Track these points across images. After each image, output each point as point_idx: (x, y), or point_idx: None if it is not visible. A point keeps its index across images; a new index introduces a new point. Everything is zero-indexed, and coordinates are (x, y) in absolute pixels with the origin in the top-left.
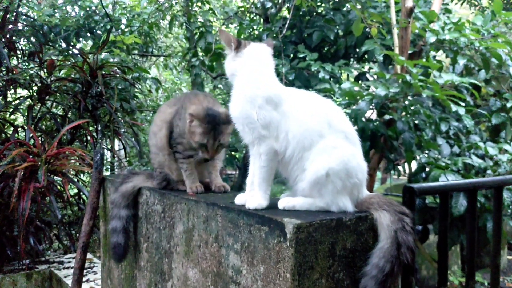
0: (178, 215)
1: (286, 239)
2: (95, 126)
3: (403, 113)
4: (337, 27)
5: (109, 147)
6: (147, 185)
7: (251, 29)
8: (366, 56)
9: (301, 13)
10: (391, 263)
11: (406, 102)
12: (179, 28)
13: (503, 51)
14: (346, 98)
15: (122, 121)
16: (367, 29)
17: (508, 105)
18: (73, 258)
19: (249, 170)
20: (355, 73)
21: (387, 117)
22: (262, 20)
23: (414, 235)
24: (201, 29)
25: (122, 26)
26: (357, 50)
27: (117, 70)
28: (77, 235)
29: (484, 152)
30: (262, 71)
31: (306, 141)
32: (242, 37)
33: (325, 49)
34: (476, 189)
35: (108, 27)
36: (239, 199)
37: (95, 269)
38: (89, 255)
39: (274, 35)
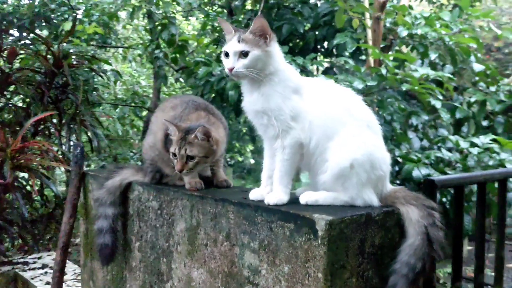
0: (178, 212)
1: (317, 236)
2: (59, 119)
3: (376, 108)
4: (306, 20)
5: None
6: (136, 179)
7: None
8: (334, 50)
9: (269, 5)
10: (423, 261)
11: (378, 96)
12: (139, 19)
13: (470, 46)
14: None
15: (89, 113)
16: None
17: (472, 100)
18: (38, 258)
19: (263, 164)
20: (325, 66)
21: None
22: (226, 12)
23: (444, 230)
24: (163, 20)
25: (80, 16)
26: (326, 43)
27: (83, 61)
28: (40, 234)
29: (456, 146)
30: (284, 61)
31: (329, 130)
32: (207, 29)
33: (294, 42)
34: (487, 181)
35: (66, 16)
36: (254, 194)
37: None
38: (54, 255)
39: (243, 26)
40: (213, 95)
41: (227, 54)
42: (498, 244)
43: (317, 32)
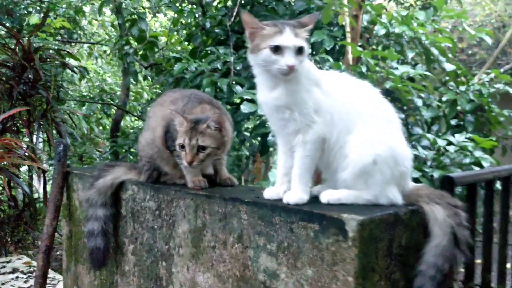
0: (180, 213)
1: (347, 238)
2: (28, 116)
3: None
4: (281, 17)
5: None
6: (130, 178)
7: (193, 17)
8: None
9: (243, 2)
10: (450, 262)
11: None
12: (105, 15)
13: (445, 45)
14: None
15: (60, 110)
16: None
17: (444, 99)
18: (7, 262)
19: (278, 162)
20: None
21: None
22: (200, 8)
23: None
24: (133, 16)
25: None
26: None
27: (54, 55)
28: (6, 237)
29: (432, 144)
30: None
31: (350, 123)
32: (179, 25)
33: None
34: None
35: (30, 9)
36: (270, 193)
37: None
38: (25, 258)
39: (217, 23)
40: None
41: (277, 49)
42: (501, 243)
43: None
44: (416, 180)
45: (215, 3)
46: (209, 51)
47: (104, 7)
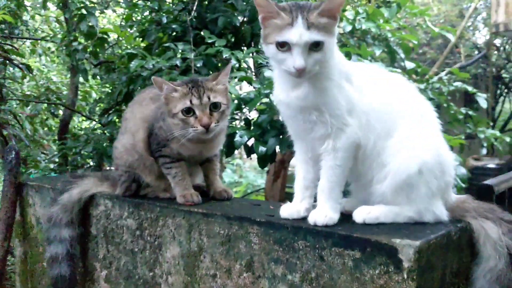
0: (169, 233)
1: (402, 268)
2: None
3: None
4: (241, 13)
5: None
6: (101, 191)
7: (148, 12)
8: None
9: None
10: None
11: None
12: (48, 9)
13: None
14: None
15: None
16: None
17: None
18: None
19: (297, 173)
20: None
21: None
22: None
23: None
24: (81, 10)
25: None
26: None
27: None
28: None
29: None
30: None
31: (390, 125)
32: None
33: (229, 35)
34: None
35: None
36: (288, 211)
37: None
38: None
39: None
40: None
41: (283, 45)
42: None
43: (253, 26)
44: None
45: None
46: (166, 48)
47: (48, 1)
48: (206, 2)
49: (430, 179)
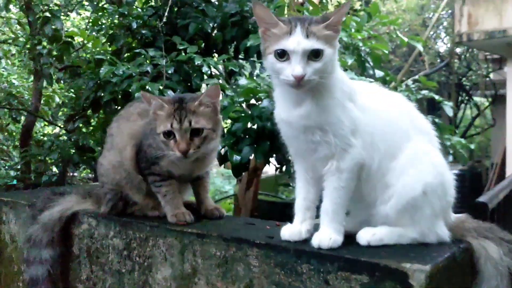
0: (160, 254)
1: None
2: None
3: None
4: (212, 20)
5: None
6: (85, 209)
7: (118, 16)
8: (239, 51)
9: (170, 2)
10: None
11: None
12: (10, 11)
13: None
14: (250, 95)
15: None
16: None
17: None
18: None
19: (297, 193)
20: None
21: None
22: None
23: None
24: (46, 13)
25: None
26: (235, 44)
27: None
28: None
29: None
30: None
31: (394, 145)
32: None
33: (199, 42)
34: None
35: None
36: (289, 233)
37: None
38: None
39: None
40: (110, 97)
41: (282, 55)
42: None
43: (225, 32)
44: None
45: (137, 3)
46: (136, 53)
47: (11, 3)
48: (176, 8)
49: (434, 200)
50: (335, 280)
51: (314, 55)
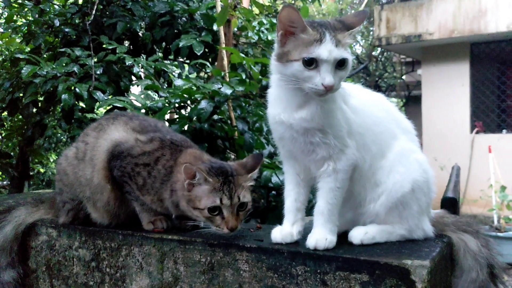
0: (135, 263)
1: None
2: None
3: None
4: (141, 19)
5: None
6: (40, 218)
7: (37, 13)
8: (170, 51)
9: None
10: None
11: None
12: None
13: None
14: (185, 96)
15: None
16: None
17: None
18: None
19: (287, 195)
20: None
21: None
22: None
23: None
24: None
25: None
26: (165, 44)
27: None
28: None
29: None
30: None
31: (383, 144)
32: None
33: (127, 42)
34: None
35: None
36: (280, 235)
37: None
38: None
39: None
40: (32, 99)
41: (310, 63)
42: None
43: (154, 33)
44: None
45: (57, 1)
46: (59, 53)
47: None
48: (102, 7)
49: (420, 197)
50: (333, 280)
51: (340, 64)
